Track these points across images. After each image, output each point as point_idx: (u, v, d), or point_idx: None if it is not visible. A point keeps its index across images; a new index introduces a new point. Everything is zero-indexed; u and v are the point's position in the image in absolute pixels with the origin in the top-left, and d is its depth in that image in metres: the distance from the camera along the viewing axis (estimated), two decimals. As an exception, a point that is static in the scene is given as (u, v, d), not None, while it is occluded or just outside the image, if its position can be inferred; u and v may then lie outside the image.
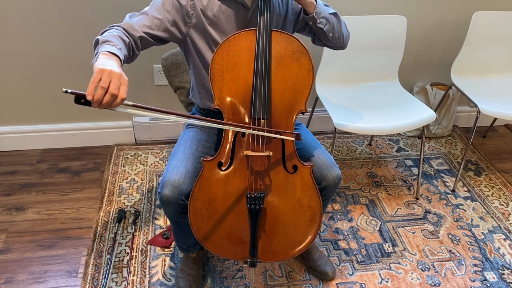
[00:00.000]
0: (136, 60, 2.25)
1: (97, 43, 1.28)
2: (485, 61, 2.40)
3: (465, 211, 2.15)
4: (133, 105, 1.15)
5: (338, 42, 1.57)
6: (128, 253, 1.86)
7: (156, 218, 2.03)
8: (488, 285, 1.78)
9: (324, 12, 1.46)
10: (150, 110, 1.16)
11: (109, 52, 1.21)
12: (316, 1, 1.43)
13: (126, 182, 2.24)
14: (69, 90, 1.06)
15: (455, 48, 2.42)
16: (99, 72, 1.10)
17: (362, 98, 2.19)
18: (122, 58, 1.24)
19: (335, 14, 1.51)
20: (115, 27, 1.37)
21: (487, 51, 2.37)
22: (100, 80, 1.09)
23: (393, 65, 2.29)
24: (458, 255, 1.91)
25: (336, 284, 1.76)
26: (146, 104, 2.47)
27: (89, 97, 1.09)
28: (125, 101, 1.14)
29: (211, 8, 1.43)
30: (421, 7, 2.38)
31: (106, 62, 1.14)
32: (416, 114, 2.01)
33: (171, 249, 1.88)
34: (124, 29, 1.37)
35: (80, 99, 1.10)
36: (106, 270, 1.78)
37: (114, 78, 1.10)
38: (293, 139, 1.38)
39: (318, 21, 1.44)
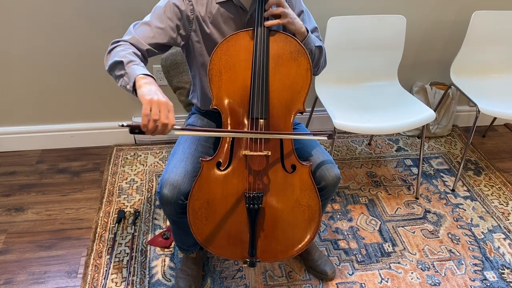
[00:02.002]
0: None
1: (119, 63, 1.29)
2: (485, 60, 2.39)
3: (465, 210, 2.15)
4: (181, 129, 1.25)
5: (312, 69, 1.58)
6: (128, 253, 1.86)
7: (155, 218, 2.03)
8: (488, 284, 1.78)
9: (311, 44, 1.47)
10: (196, 131, 1.28)
11: (144, 75, 1.26)
12: (308, 32, 1.45)
13: (126, 183, 2.24)
14: (125, 123, 1.17)
15: (454, 47, 2.42)
16: (148, 103, 1.17)
17: (362, 98, 2.19)
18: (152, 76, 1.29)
19: (319, 47, 1.53)
20: (122, 43, 1.38)
21: (486, 51, 2.37)
22: (151, 111, 1.16)
23: (393, 64, 2.29)
24: (458, 254, 1.91)
25: (336, 284, 1.76)
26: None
27: (144, 129, 1.18)
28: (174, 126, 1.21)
29: (210, 11, 1.43)
30: (420, 7, 2.38)
31: (150, 90, 1.20)
32: (416, 113, 2.01)
33: (171, 249, 1.88)
34: (132, 44, 1.38)
35: (135, 129, 1.18)
36: (106, 270, 1.78)
37: (162, 107, 1.17)
38: (326, 138, 1.39)
39: None
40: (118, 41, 1.39)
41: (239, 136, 1.39)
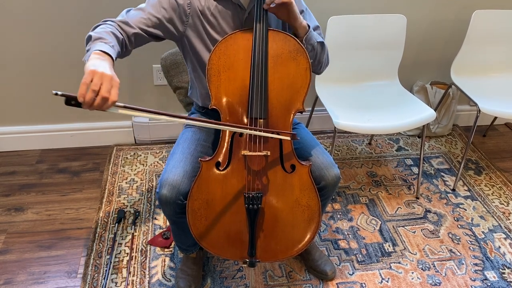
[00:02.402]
0: (135, 60, 2.27)
1: (89, 39, 1.26)
2: (485, 60, 2.39)
3: (466, 210, 2.15)
4: (124, 107, 1.13)
5: (314, 68, 1.57)
6: (127, 253, 1.85)
7: (155, 218, 2.03)
8: (489, 284, 1.77)
9: (313, 39, 1.46)
10: (140, 111, 1.14)
11: (101, 51, 1.19)
12: (309, 27, 1.43)
13: (126, 182, 2.24)
14: (59, 92, 1.05)
15: (454, 47, 2.42)
16: (90, 73, 1.09)
17: (362, 98, 2.18)
18: (114, 56, 1.23)
19: (321, 43, 1.52)
20: (108, 22, 1.35)
21: (487, 50, 2.36)
22: (91, 81, 1.08)
23: (393, 64, 2.28)
24: (459, 254, 1.91)
25: (336, 283, 1.76)
26: (145, 104, 2.49)
27: (80, 99, 1.08)
28: (116, 103, 1.12)
29: (208, 8, 1.43)
30: (420, 6, 2.37)
31: (98, 63, 1.13)
32: (416, 113, 2.01)
33: (170, 249, 1.88)
34: (118, 24, 1.35)
35: (71, 100, 1.08)
36: (106, 270, 1.77)
37: (105, 80, 1.09)
38: (289, 138, 1.38)
39: (304, 46, 1.43)
40: (106, 20, 1.35)
41: (201, 125, 1.29)
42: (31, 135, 2.43)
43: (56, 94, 1.05)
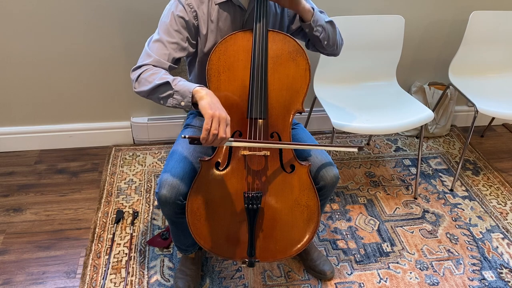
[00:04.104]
0: (134, 60, 2.25)
1: (163, 84, 1.32)
2: (483, 60, 2.40)
3: (463, 210, 2.15)
4: (234, 140, 1.32)
5: (332, 49, 1.58)
6: (126, 253, 1.85)
7: (154, 219, 2.03)
8: (487, 284, 1.78)
9: (320, 20, 1.46)
10: (249, 142, 1.36)
11: (200, 86, 1.30)
12: (313, 9, 1.44)
13: (124, 183, 2.24)
14: (187, 135, 1.27)
15: (452, 47, 2.43)
16: (210, 117, 1.22)
17: (360, 98, 2.19)
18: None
19: (330, 22, 1.52)
20: (146, 67, 1.38)
21: (484, 51, 2.37)
22: (211, 126, 1.22)
23: (391, 64, 2.29)
24: (457, 254, 1.91)
25: (335, 283, 1.76)
26: (144, 103, 2.47)
27: (203, 142, 1.24)
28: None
29: (210, 12, 1.44)
30: (418, 7, 2.38)
31: (212, 103, 1.25)
32: (414, 113, 2.01)
33: (169, 249, 1.88)
34: (154, 65, 1.39)
35: (194, 141, 1.26)
36: (105, 270, 1.78)
37: (222, 122, 1.23)
38: (356, 150, 1.43)
39: (314, 29, 1.44)
40: (140, 66, 1.39)
41: (290, 147, 1.42)
42: (30, 136, 2.43)
43: (184, 137, 1.27)
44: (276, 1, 1.39)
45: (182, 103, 1.31)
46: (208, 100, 1.25)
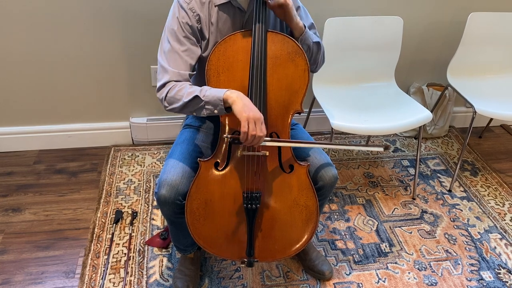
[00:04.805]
0: (133, 61, 2.28)
1: (193, 99, 1.34)
2: (481, 61, 2.41)
3: (462, 211, 2.16)
4: (271, 140, 1.37)
5: (310, 66, 1.60)
6: (125, 253, 1.86)
7: (153, 219, 2.03)
8: (485, 284, 1.79)
9: (308, 40, 1.49)
10: (285, 142, 1.42)
11: (229, 91, 1.32)
12: (305, 27, 1.46)
13: (123, 183, 2.24)
14: (228, 136, 1.33)
15: (451, 49, 2.44)
16: (246, 121, 1.27)
17: (359, 99, 2.20)
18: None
19: (318, 43, 1.54)
20: (171, 83, 1.39)
21: (482, 52, 2.38)
22: (249, 128, 1.27)
23: (390, 65, 2.29)
24: (455, 254, 1.92)
25: (334, 284, 1.77)
26: (142, 103, 2.48)
27: (243, 142, 1.30)
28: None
29: (210, 14, 1.44)
30: (417, 8, 2.39)
31: (244, 106, 1.29)
32: (413, 114, 2.02)
33: (168, 249, 1.88)
34: (177, 80, 1.40)
35: (235, 141, 1.33)
36: (104, 270, 1.78)
37: (257, 122, 1.28)
38: (382, 150, 1.44)
39: (299, 46, 1.45)
40: (164, 84, 1.39)
41: (332, 147, 1.44)
42: (29, 136, 2.43)
43: (226, 137, 1.34)
44: (273, 10, 1.41)
45: (215, 111, 1.33)
46: (240, 104, 1.29)
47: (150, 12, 2.15)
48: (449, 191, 2.29)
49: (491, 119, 2.76)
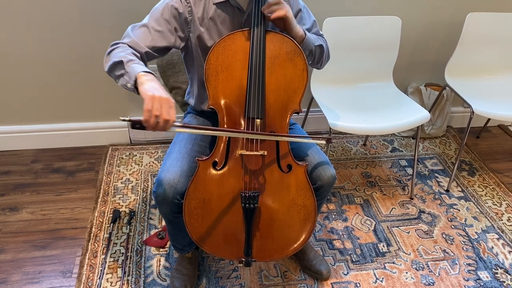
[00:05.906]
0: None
1: (119, 63, 1.29)
2: (479, 62, 2.41)
3: (459, 211, 2.16)
4: (181, 126, 1.30)
5: (316, 66, 1.63)
6: (123, 253, 1.85)
7: (151, 218, 2.03)
8: (482, 284, 1.79)
9: (310, 45, 1.49)
10: (196, 129, 1.34)
11: (144, 72, 1.25)
12: (306, 34, 1.46)
13: (121, 182, 2.24)
14: (126, 118, 1.18)
15: (449, 49, 2.44)
16: (150, 99, 1.17)
17: (357, 99, 2.20)
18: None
19: (320, 46, 1.54)
20: (120, 45, 1.37)
21: (480, 52, 2.38)
22: (152, 107, 1.16)
23: (388, 65, 2.30)
24: (452, 254, 1.92)
25: (331, 283, 1.77)
26: (140, 102, 2.47)
27: (145, 124, 1.18)
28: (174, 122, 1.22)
29: (207, 12, 1.44)
30: (415, 9, 2.39)
31: (152, 87, 1.20)
32: (411, 114, 2.02)
33: (166, 249, 1.88)
34: (130, 46, 1.38)
35: (136, 124, 1.20)
36: (101, 270, 1.77)
37: (164, 104, 1.18)
38: (324, 142, 1.42)
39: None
40: (117, 43, 1.38)
41: (236, 135, 1.39)
42: (26, 135, 2.42)
43: (124, 120, 1.19)
44: (273, 22, 1.41)
45: (129, 85, 1.27)
46: (148, 85, 1.21)
47: (149, 11, 2.14)
48: (447, 191, 2.29)
49: (489, 119, 2.76)
